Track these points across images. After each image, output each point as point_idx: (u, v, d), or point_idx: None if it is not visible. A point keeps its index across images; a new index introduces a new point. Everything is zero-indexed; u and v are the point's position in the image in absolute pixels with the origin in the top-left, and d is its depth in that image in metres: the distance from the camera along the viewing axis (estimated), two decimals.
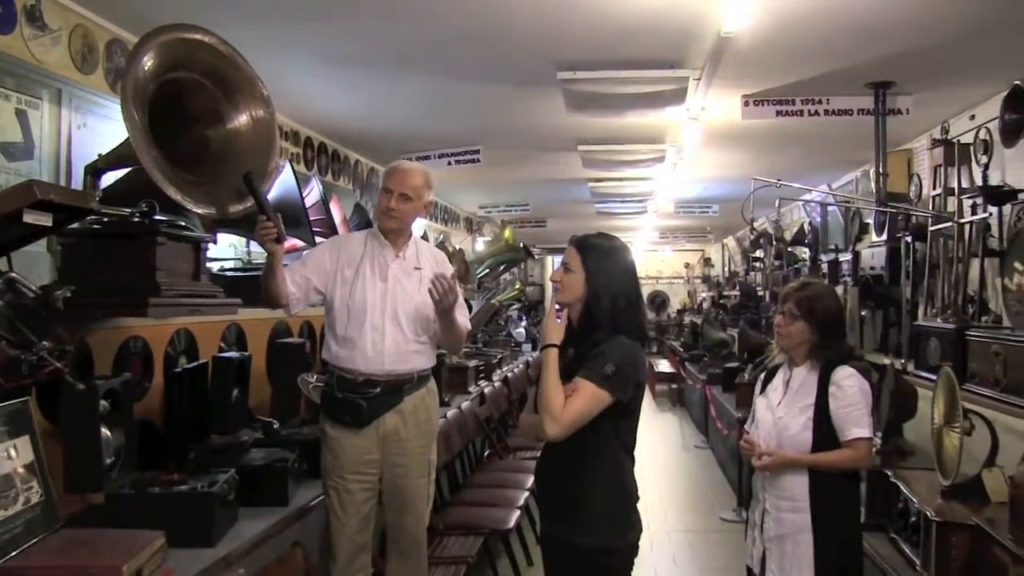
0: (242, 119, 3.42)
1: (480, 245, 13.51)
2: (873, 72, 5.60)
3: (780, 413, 3.29)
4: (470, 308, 9.16)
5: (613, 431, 2.72)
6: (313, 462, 3.77)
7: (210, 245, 4.58)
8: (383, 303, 3.50)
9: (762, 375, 3.56)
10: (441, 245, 9.98)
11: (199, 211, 3.25)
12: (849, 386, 3.17)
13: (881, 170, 6.47)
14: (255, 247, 5.30)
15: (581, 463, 2.73)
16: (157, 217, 3.31)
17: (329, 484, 3.53)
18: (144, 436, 3.59)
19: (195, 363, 4.04)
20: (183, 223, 3.51)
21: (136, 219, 3.26)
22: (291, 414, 4.60)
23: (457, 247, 11.04)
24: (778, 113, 6.06)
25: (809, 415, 3.20)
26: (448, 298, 3.40)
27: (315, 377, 4.54)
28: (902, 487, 3.56)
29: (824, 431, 3.16)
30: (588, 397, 2.64)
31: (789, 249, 10.48)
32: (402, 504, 3.59)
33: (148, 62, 3.03)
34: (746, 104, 6.02)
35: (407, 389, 3.53)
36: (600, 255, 2.78)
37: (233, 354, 4.24)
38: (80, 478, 2.85)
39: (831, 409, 3.16)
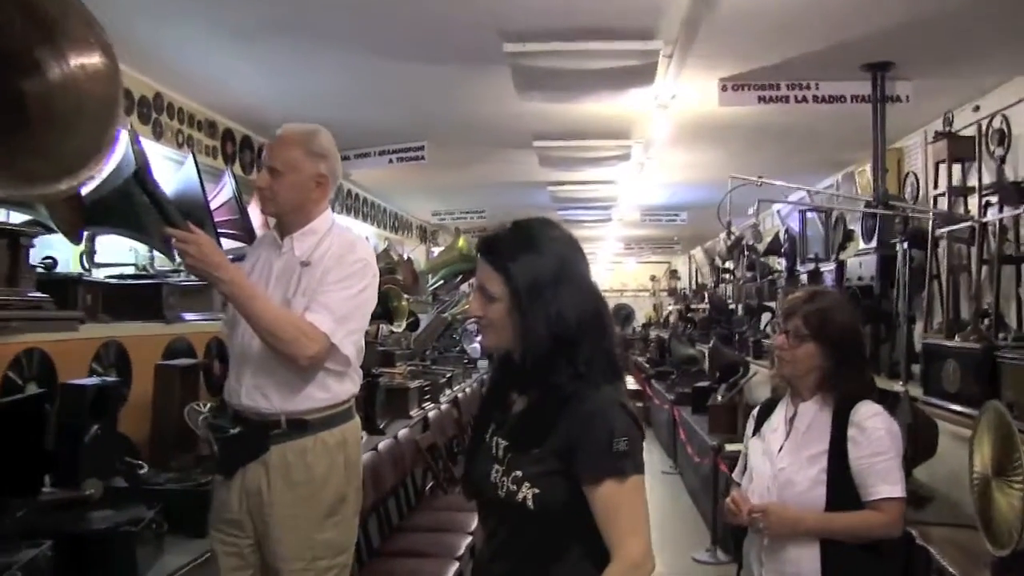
0: (68, 68, 2.55)
1: (435, 255, 12.75)
2: (870, 51, 4.83)
3: (782, 463, 2.49)
4: (417, 323, 8.37)
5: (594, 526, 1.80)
6: (185, 518, 2.95)
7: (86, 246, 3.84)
8: None
9: (755, 410, 2.76)
10: (385, 252, 9.15)
11: None
12: (874, 428, 2.40)
13: (881, 164, 5.67)
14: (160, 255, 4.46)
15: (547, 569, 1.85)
16: None
17: None
18: None
19: (24, 394, 3.17)
20: None
21: None
22: (183, 452, 3.75)
23: (406, 256, 10.26)
24: (760, 99, 5.28)
25: (822, 466, 2.41)
26: (195, 263, 2.46)
27: (208, 407, 3.70)
28: (936, 555, 2.77)
29: (842, 488, 2.39)
30: (635, 498, 1.79)
31: (763, 259, 9.77)
32: None
33: None
34: (723, 89, 5.24)
35: (275, 436, 2.64)
36: (528, 260, 1.83)
37: (89, 380, 3.38)
38: None
39: (851, 459, 2.38)
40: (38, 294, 2.82)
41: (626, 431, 1.77)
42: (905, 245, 5.36)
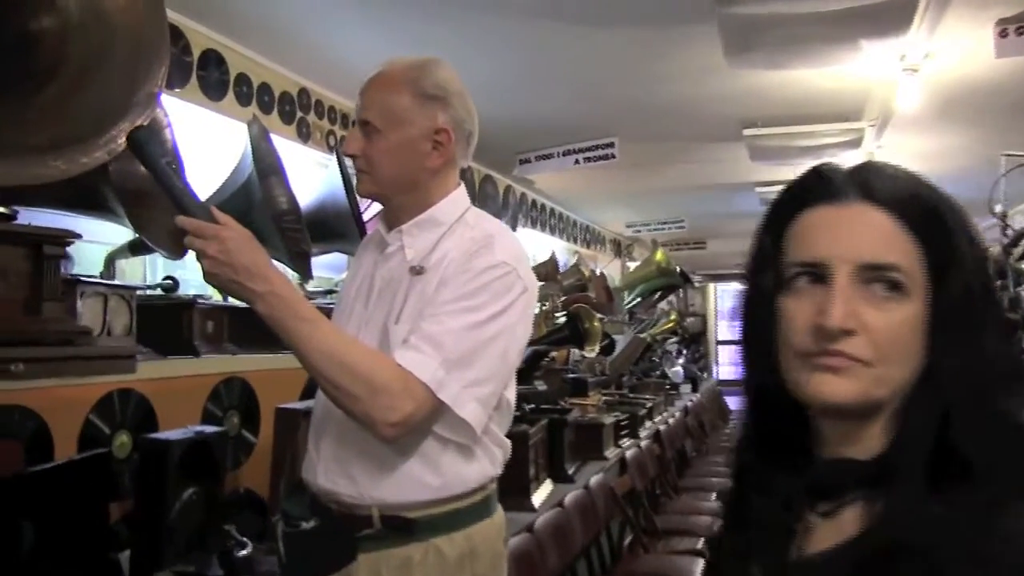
0: None
1: (631, 270, 11.93)
2: None
3: None
4: (612, 346, 7.41)
5: None
6: None
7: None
8: None
9: None
10: (575, 268, 8.25)
11: None
12: None
13: None
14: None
15: None
16: None
17: None
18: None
19: (83, 454, 2.41)
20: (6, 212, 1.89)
21: None
22: None
23: (598, 271, 9.40)
24: None
25: None
26: (215, 268, 1.55)
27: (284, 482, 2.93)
28: None
29: None
30: None
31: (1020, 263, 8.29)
32: None
33: None
34: (1003, 34, 4.03)
35: (365, 540, 1.67)
36: (972, 236, 0.89)
37: (176, 433, 2.58)
38: None
39: None
40: (75, 324, 2.01)
41: None
42: None
